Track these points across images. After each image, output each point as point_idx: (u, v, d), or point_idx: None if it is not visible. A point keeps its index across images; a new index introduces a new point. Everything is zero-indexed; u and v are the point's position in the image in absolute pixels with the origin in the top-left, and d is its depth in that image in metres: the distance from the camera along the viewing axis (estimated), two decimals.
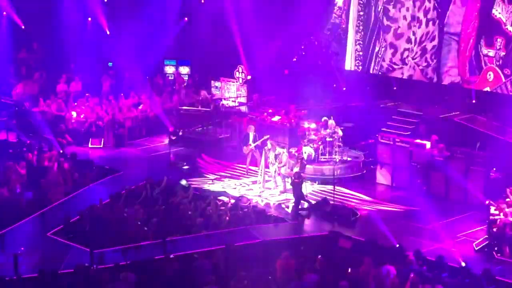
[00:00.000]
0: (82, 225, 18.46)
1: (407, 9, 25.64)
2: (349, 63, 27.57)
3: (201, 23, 30.07)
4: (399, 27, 25.96)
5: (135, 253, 16.75)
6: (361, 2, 27.05)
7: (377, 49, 26.60)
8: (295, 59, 29.19)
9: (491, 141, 21.94)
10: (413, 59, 25.66)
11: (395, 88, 26.67)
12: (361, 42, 27.14)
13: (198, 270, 15.64)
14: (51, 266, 15.92)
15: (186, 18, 31.25)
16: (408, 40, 25.74)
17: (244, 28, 28.40)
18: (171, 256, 16.30)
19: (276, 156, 22.27)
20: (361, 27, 27.09)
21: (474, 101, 24.37)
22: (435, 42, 25.10)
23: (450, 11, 24.54)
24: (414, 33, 25.58)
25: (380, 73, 26.62)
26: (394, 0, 25.93)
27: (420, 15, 25.37)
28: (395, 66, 26.11)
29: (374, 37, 26.70)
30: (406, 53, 25.84)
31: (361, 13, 27.06)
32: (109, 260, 16.32)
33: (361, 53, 27.14)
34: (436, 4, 25.01)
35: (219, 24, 29.30)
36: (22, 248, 17.05)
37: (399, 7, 25.85)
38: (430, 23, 25.17)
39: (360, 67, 27.29)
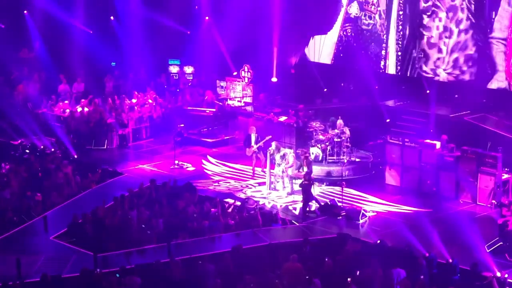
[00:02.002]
0: (86, 228, 18.19)
1: (440, 20, 25.10)
2: (393, 66, 26.88)
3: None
4: (432, 36, 25.43)
5: (139, 257, 16.51)
6: (401, 2, 26.41)
7: (414, 53, 26.04)
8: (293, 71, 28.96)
9: (503, 141, 21.70)
10: (444, 70, 25.11)
11: (403, 87, 26.37)
12: (400, 43, 26.56)
13: (204, 273, 15.41)
14: (54, 270, 15.75)
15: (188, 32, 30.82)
16: (440, 51, 25.21)
17: (251, 27, 28.16)
18: (177, 259, 16.03)
19: (282, 157, 21.96)
20: (400, 27, 26.46)
21: (485, 100, 24.06)
22: (470, 51, 24.43)
23: (498, 15, 23.77)
24: (445, 44, 25.02)
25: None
26: (431, 10, 25.36)
27: (453, 26, 24.80)
28: (427, 75, 25.57)
29: (411, 40, 26.12)
30: (438, 63, 25.28)
31: (401, 12, 26.47)
32: (113, 264, 16.10)
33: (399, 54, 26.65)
34: (470, 15, 24.35)
35: (225, 23, 29.03)
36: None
37: (434, 17, 25.27)
38: (463, 33, 24.57)
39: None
